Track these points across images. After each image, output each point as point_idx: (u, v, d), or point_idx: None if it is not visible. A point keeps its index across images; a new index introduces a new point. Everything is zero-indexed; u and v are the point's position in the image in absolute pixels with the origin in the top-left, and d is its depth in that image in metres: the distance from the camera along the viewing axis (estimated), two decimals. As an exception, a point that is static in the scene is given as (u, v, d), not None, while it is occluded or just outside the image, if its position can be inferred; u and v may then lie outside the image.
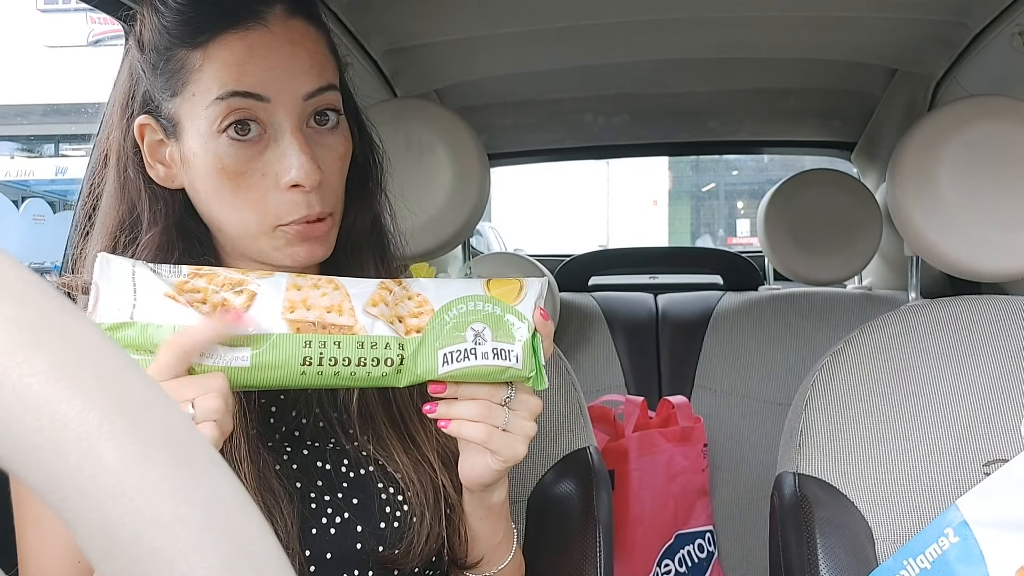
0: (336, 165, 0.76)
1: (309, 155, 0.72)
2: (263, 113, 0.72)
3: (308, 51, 0.74)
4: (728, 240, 11.99)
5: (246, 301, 0.63)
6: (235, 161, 0.72)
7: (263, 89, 0.71)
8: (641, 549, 1.62)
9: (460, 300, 0.67)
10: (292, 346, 0.62)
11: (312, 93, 0.73)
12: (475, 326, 0.67)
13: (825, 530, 0.93)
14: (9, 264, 0.27)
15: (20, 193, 8.82)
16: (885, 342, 1.01)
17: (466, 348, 0.66)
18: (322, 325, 0.63)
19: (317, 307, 0.64)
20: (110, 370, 0.27)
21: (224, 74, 0.71)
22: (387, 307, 0.66)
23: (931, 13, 1.34)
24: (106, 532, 0.26)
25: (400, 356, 0.65)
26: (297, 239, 0.74)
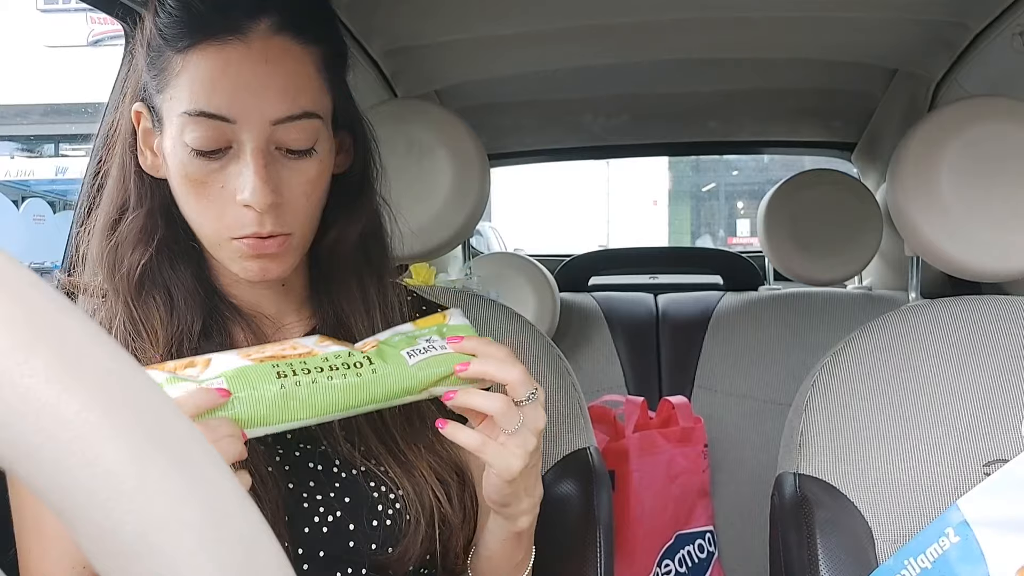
0: (303, 188, 0.74)
1: (264, 178, 0.71)
2: (229, 132, 0.71)
3: (285, 72, 0.72)
4: (728, 240, 11.99)
5: (202, 366, 0.64)
6: (197, 171, 0.72)
7: (229, 111, 0.70)
8: (641, 549, 1.62)
9: (398, 333, 0.71)
10: (262, 371, 0.63)
11: (281, 120, 0.72)
12: (421, 340, 0.70)
13: (825, 530, 0.93)
14: (9, 264, 0.27)
15: (20, 193, 8.82)
16: (885, 342, 1.01)
17: (422, 347, 0.69)
18: (281, 356, 0.65)
19: (270, 349, 0.66)
20: (110, 370, 0.27)
21: (195, 89, 0.71)
22: (334, 342, 0.69)
23: (931, 13, 1.34)
24: (106, 532, 0.26)
25: (367, 358, 0.66)
26: (250, 253, 0.74)
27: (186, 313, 0.76)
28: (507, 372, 0.68)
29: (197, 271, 0.78)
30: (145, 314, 0.75)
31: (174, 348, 0.74)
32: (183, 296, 0.77)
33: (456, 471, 0.80)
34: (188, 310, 0.76)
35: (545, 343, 1.06)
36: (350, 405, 0.66)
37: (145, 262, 0.76)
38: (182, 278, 0.77)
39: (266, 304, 0.81)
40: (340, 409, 0.65)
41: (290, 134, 0.72)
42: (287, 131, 0.72)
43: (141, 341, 0.74)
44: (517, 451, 0.68)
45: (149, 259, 0.76)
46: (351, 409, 0.66)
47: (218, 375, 0.63)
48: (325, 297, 0.83)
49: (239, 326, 0.80)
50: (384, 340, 0.70)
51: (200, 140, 0.71)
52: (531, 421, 0.69)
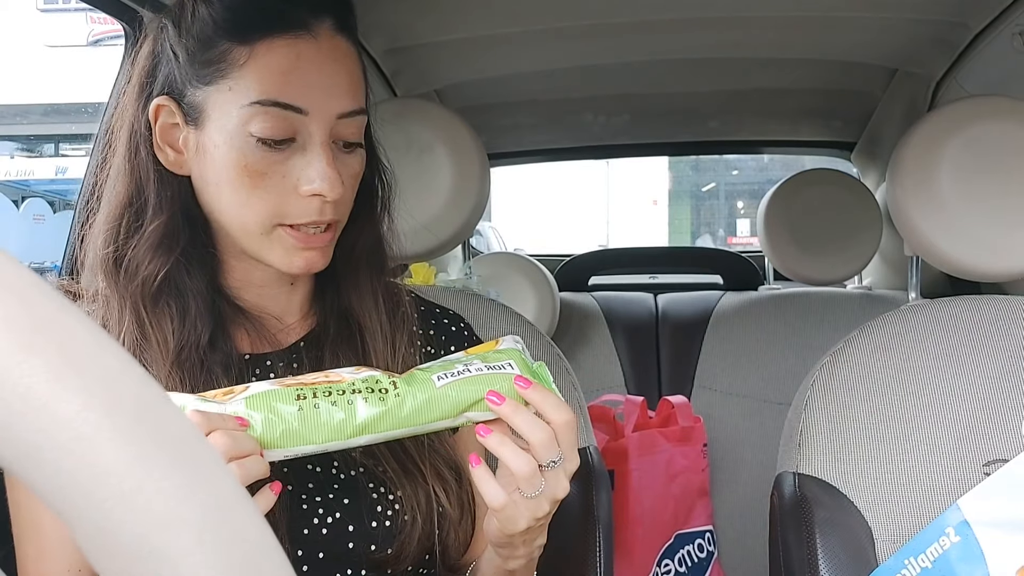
0: (351, 182, 0.77)
1: (336, 170, 0.73)
2: (298, 123, 0.73)
3: (348, 70, 0.76)
4: (728, 240, 11.99)
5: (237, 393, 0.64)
6: (259, 162, 0.72)
7: (303, 102, 0.72)
8: (641, 549, 1.62)
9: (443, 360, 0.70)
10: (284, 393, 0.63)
11: (346, 113, 0.75)
12: (463, 362, 0.68)
13: (825, 530, 0.93)
14: (9, 264, 0.27)
15: (20, 193, 8.82)
16: (885, 342, 1.01)
17: (458, 370, 0.67)
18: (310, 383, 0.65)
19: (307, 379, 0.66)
20: (110, 370, 0.27)
21: (267, 79, 0.72)
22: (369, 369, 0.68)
23: (931, 13, 1.34)
24: (106, 532, 0.26)
25: (392, 383, 0.65)
26: (298, 246, 0.74)
27: (198, 322, 0.75)
28: (533, 432, 0.64)
29: (212, 277, 0.77)
30: (157, 322, 0.74)
31: (182, 357, 0.73)
32: (196, 304, 0.75)
33: (454, 468, 0.80)
34: (200, 319, 0.75)
35: (545, 343, 1.06)
36: (373, 429, 0.64)
37: (167, 271, 0.74)
38: (198, 285, 0.76)
39: (271, 305, 0.81)
40: (361, 433, 0.64)
41: (349, 128, 0.76)
42: (347, 125, 0.75)
43: (149, 350, 0.73)
44: (526, 513, 0.66)
45: (171, 267, 0.75)
46: (376, 434, 0.65)
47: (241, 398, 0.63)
48: (332, 293, 0.83)
49: (242, 328, 0.79)
50: (423, 367, 0.69)
51: (270, 130, 0.72)
52: (551, 490, 0.66)
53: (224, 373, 0.75)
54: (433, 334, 0.87)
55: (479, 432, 0.66)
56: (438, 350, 0.86)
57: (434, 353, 0.86)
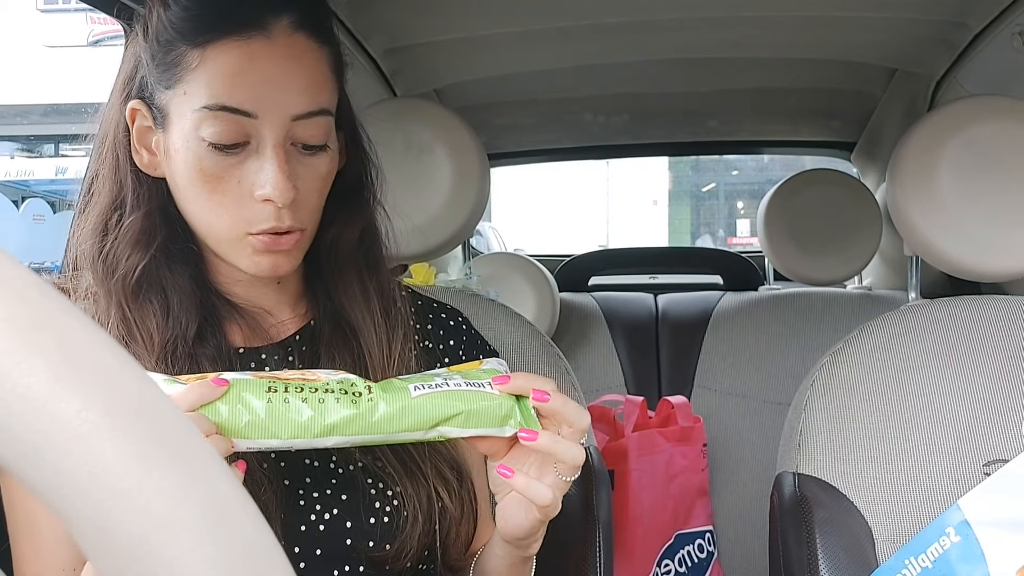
0: (315, 184, 0.75)
1: (286, 173, 0.71)
2: (249, 126, 0.71)
3: (306, 69, 0.73)
4: (728, 240, 12.00)
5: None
6: (214, 166, 0.72)
7: (252, 106, 0.71)
8: (641, 549, 1.62)
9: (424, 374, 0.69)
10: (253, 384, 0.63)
11: (302, 115, 0.72)
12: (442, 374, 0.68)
13: (825, 530, 0.93)
14: (9, 264, 0.27)
15: (20, 193, 8.82)
16: (885, 342, 1.01)
17: (436, 383, 0.67)
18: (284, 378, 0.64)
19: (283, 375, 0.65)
20: (110, 370, 0.27)
21: (217, 83, 0.70)
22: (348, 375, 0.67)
23: (931, 13, 1.34)
24: (106, 532, 0.26)
25: (368, 387, 0.65)
26: (263, 249, 0.74)
27: (181, 316, 0.75)
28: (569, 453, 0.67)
29: (194, 272, 0.78)
30: (140, 317, 0.75)
31: (168, 351, 0.74)
32: (179, 299, 0.76)
33: (454, 467, 0.80)
34: (184, 313, 0.75)
35: (545, 343, 1.06)
36: (342, 431, 0.64)
37: (144, 265, 0.75)
38: (179, 280, 0.76)
39: (263, 300, 0.81)
40: (328, 434, 0.63)
41: (308, 130, 0.73)
42: (305, 127, 0.73)
43: (135, 344, 0.73)
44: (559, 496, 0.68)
45: (148, 262, 0.75)
46: (345, 437, 0.64)
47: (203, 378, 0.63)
48: (323, 293, 0.83)
49: (236, 323, 0.79)
50: (403, 377, 0.69)
51: (219, 134, 0.70)
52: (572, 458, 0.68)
53: (212, 366, 0.75)
54: (431, 329, 0.87)
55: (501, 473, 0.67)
56: (436, 344, 0.86)
57: (432, 348, 0.86)
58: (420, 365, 0.81)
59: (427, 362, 0.84)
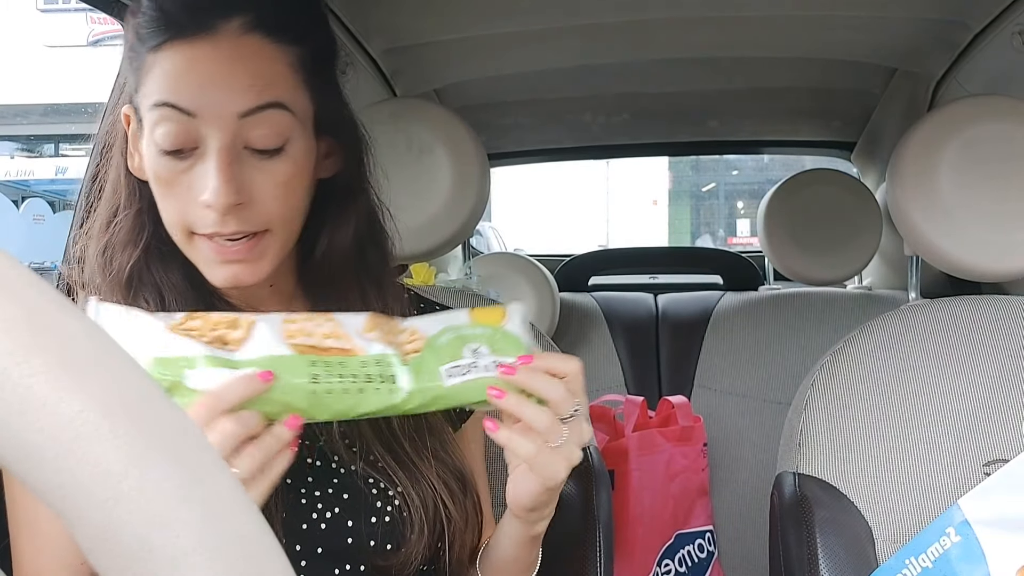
0: (273, 191, 0.73)
1: (227, 177, 0.70)
2: (193, 128, 0.70)
3: (253, 67, 0.71)
4: (728, 240, 12.00)
5: (244, 331, 0.63)
6: (165, 171, 0.72)
7: (192, 104, 0.70)
8: (641, 549, 1.62)
9: (450, 328, 0.69)
10: (299, 365, 0.62)
11: (248, 111, 0.70)
12: (470, 345, 0.68)
13: (825, 530, 0.93)
14: (9, 264, 0.27)
15: (20, 193, 8.83)
16: (885, 342, 1.01)
17: (466, 363, 0.67)
18: (323, 348, 0.64)
19: (315, 335, 0.64)
20: (110, 370, 0.27)
21: (162, 83, 0.71)
22: (381, 333, 0.67)
23: (931, 13, 1.34)
24: (106, 532, 0.26)
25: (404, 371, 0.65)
26: (216, 259, 0.73)
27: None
28: (550, 390, 0.67)
29: (188, 271, 0.77)
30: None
31: None
32: (174, 296, 0.76)
33: (459, 477, 0.80)
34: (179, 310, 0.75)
35: (545, 343, 1.06)
36: (372, 413, 0.65)
37: (134, 262, 0.76)
38: (172, 278, 0.76)
39: (258, 301, 0.81)
40: (360, 415, 0.65)
41: (257, 128, 0.71)
42: (254, 125, 0.71)
43: None
44: (563, 462, 0.68)
45: (138, 259, 0.76)
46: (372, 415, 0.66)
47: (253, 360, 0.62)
48: (321, 301, 0.81)
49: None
50: (431, 339, 0.68)
51: (165, 136, 0.70)
52: (576, 436, 0.69)
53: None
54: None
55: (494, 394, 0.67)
56: None
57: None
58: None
59: None
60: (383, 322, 0.68)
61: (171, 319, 0.63)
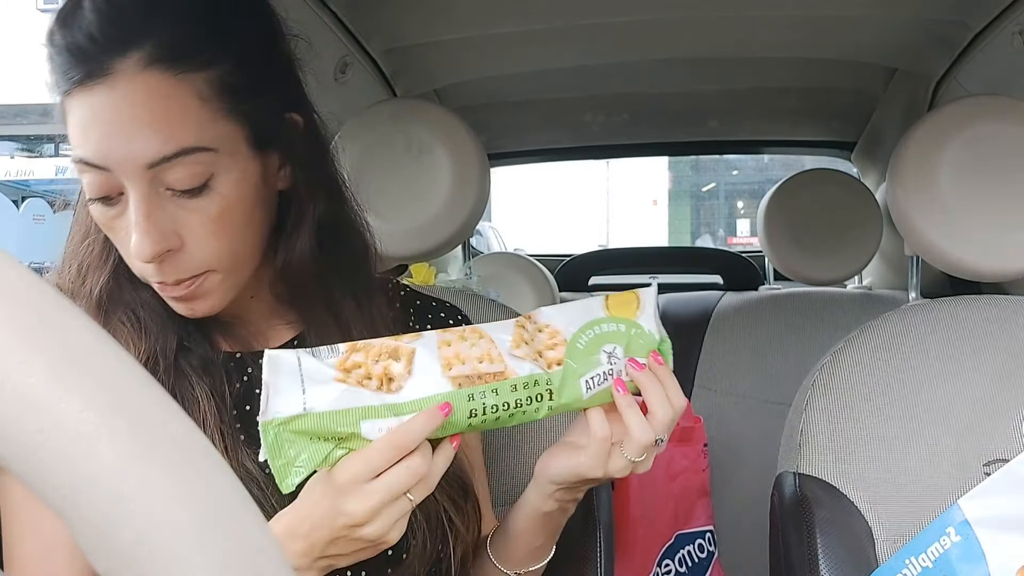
0: (206, 229, 0.69)
1: (146, 229, 0.66)
2: (111, 177, 0.67)
3: (154, 110, 0.65)
4: (728, 240, 12.00)
5: (406, 365, 0.65)
6: (100, 216, 0.70)
7: (98, 158, 0.66)
8: (641, 549, 1.62)
9: (587, 326, 0.71)
10: (459, 401, 0.65)
11: (155, 162, 0.65)
12: (606, 347, 0.71)
13: (825, 530, 0.93)
14: (9, 264, 0.27)
15: (20, 193, 8.81)
16: (885, 342, 1.01)
17: (603, 371, 0.70)
18: (477, 375, 0.66)
19: (470, 359, 0.66)
20: (110, 370, 0.27)
21: (73, 135, 0.67)
22: (528, 346, 0.69)
23: (931, 13, 1.34)
24: (106, 532, 0.26)
25: (549, 391, 0.68)
26: (165, 295, 0.72)
27: (157, 333, 0.74)
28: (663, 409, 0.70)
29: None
30: (113, 332, 0.73)
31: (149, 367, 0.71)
32: (150, 316, 0.74)
33: (461, 485, 0.80)
34: (159, 329, 0.74)
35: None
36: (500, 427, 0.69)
37: (104, 284, 0.74)
38: (144, 298, 0.74)
39: (246, 314, 0.79)
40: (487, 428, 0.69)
41: (173, 174, 0.66)
42: (169, 171, 0.66)
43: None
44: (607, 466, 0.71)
45: (107, 281, 0.74)
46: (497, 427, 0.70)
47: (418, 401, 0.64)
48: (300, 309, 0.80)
49: (220, 334, 0.78)
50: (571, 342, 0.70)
51: (89, 187, 0.67)
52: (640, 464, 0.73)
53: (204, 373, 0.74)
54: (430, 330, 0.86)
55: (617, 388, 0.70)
56: None
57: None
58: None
59: None
60: (526, 326, 0.70)
61: (336, 354, 0.64)
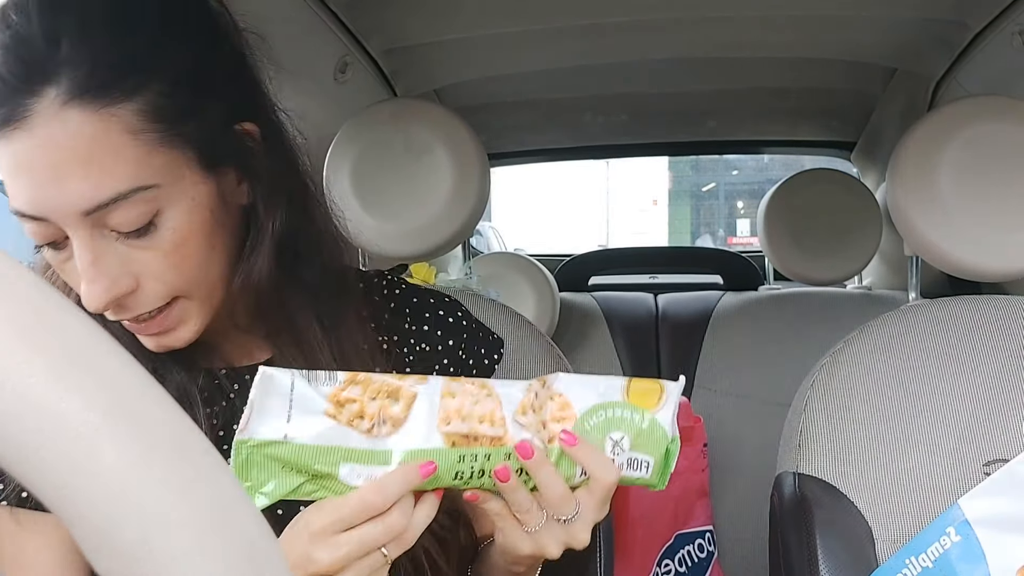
0: (164, 264, 0.63)
1: (92, 278, 0.61)
2: (52, 227, 0.61)
3: (83, 155, 0.58)
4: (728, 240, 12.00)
5: (404, 409, 0.61)
6: (51, 259, 0.65)
7: (31, 209, 0.60)
8: (641, 549, 1.62)
9: (601, 407, 0.66)
10: (448, 461, 0.61)
11: (92, 209, 0.59)
12: (614, 434, 0.66)
13: (825, 530, 0.93)
14: (9, 264, 0.27)
15: (20, 193, 8.79)
16: (885, 342, 1.01)
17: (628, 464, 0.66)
18: (474, 437, 0.62)
19: (471, 417, 0.63)
20: (110, 370, 0.27)
21: (6, 184, 0.61)
22: (534, 414, 0.65)
23: (931, 13, 1.34)
24: (106, 532, 0.26)
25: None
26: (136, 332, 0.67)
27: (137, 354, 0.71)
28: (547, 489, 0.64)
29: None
30: None
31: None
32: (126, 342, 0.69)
33: (449, 513, 0.76)
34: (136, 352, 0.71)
35: (545, 343, 1.06)
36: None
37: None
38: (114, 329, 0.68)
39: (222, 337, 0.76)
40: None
41: (115, 218, 0.60)
42: (110, 216, 0.60)
43: None
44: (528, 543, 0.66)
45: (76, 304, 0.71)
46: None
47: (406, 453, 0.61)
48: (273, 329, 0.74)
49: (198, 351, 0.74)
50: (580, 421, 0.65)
51: (34, 236, 0.63)
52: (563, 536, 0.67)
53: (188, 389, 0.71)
54: (427, 330, 0.83)
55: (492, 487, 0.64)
56: (434, 346, 0.83)
57: (428, 352, 0.82)
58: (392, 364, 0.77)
59: (423, 369, 0.81)
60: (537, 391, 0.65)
61: (333, 383, 0.60)
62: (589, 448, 0.64)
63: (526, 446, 0.63)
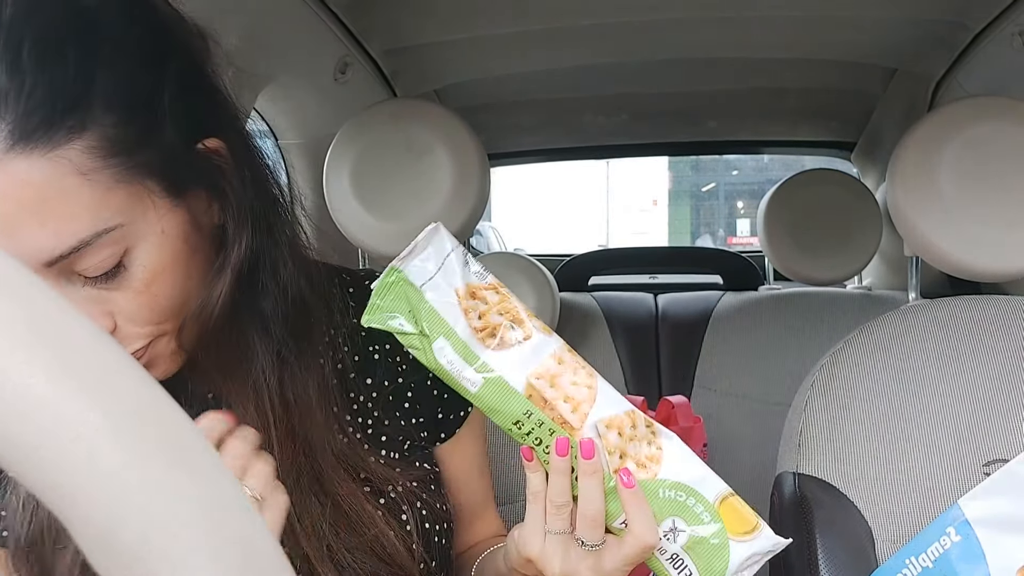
0: (138, 302, 0.59)
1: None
2: None
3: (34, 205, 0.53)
4: (728, 240, 11.99)
5: (516, 339, 0.63)
6: None
7: None
8: (641, 549, 1.62)
9: (688, 490, 0.62)
10: (515, 403, 0.60)
11: (53, 260, 0.54)
12: (679, 522, 0.61)
13: (825, 530, 0.93)
14: (9, 264, 0.27)
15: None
16: (885, 342, 1.01)
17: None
18: (551, 407, 0.61)
19: (560, 389, 0.62)
20: (111, 370, 0.27)
21: None
22: (619, 437, 0.62)
23: (931, 13, 1.34)
24: (106, 532, 0.26)
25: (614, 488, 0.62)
26: None
27: None
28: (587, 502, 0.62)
29: None
30: None
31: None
32: None
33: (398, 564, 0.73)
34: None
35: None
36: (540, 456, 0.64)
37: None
38: None
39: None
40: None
41: (80, 264, 0.56)
42: (75, 263, 0.56)
43: None
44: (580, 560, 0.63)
45: None
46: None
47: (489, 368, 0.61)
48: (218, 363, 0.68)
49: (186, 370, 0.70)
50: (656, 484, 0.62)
51: None
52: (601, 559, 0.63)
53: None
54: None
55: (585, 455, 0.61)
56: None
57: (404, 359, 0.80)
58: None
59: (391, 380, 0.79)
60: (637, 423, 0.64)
61: (481, 277, 0.65)
62: (644, 502, 0.60)
63: (591, 445, 0.60)
